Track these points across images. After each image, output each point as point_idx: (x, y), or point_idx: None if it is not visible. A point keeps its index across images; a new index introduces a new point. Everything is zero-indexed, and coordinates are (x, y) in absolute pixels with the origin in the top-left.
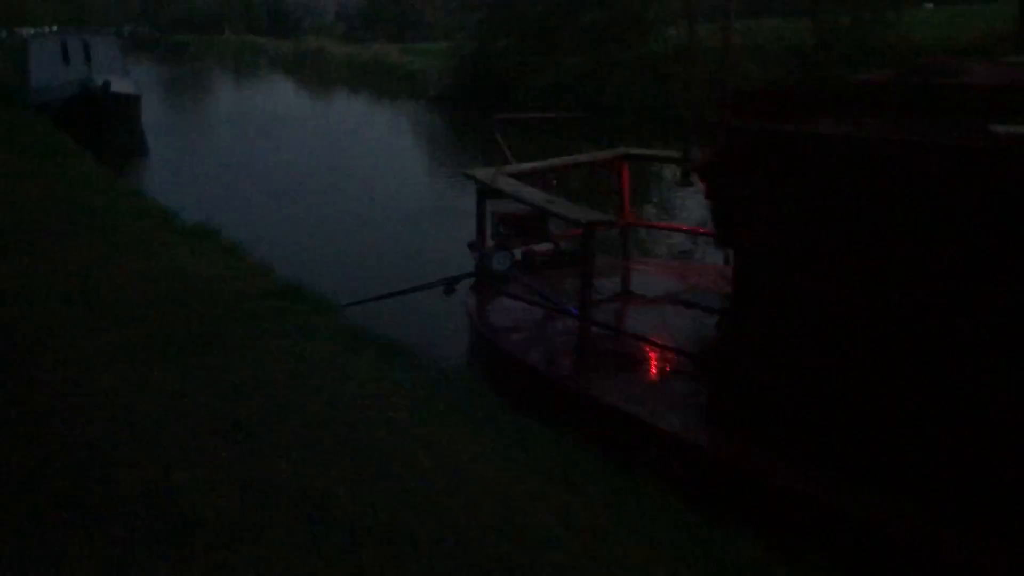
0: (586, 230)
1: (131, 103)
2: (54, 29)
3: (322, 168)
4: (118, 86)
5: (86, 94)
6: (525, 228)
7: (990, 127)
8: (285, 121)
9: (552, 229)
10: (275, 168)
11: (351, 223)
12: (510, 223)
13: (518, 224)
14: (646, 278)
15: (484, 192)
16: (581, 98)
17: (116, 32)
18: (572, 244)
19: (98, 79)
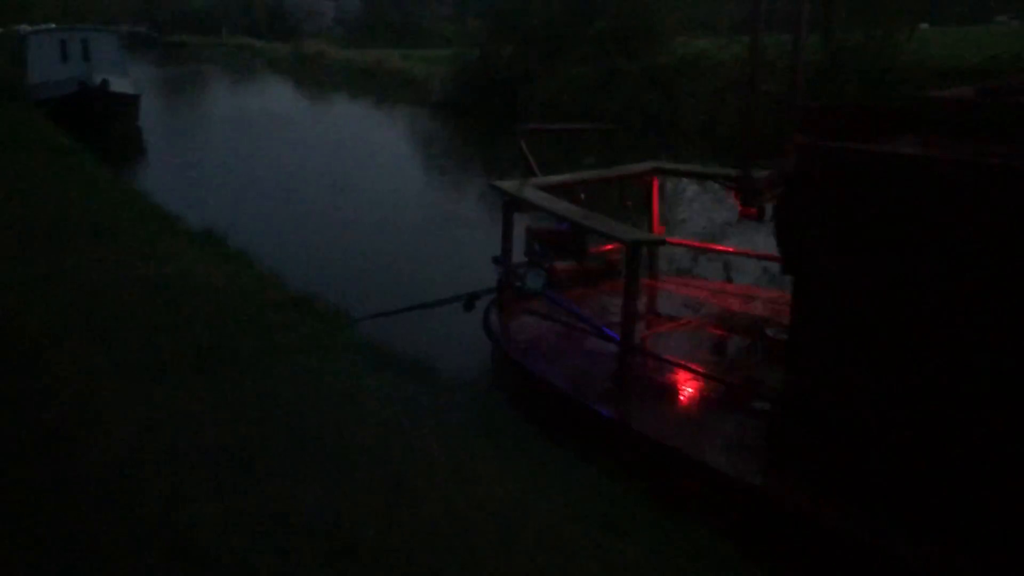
0: (631, 249)
1: (130, 102)
2: (51, 26)
3: (325, 172)
4: (117, 85)
5: (84, 92)
6: (561, 245)
7: None
8: (286, 124)
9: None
10: (277, 171)
11: (356, 230)
12: (545, 240)
13: (554, 241)
14: (673, 298)
15: (511, 205)
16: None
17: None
18: (598, 261)
19: (96, 77)
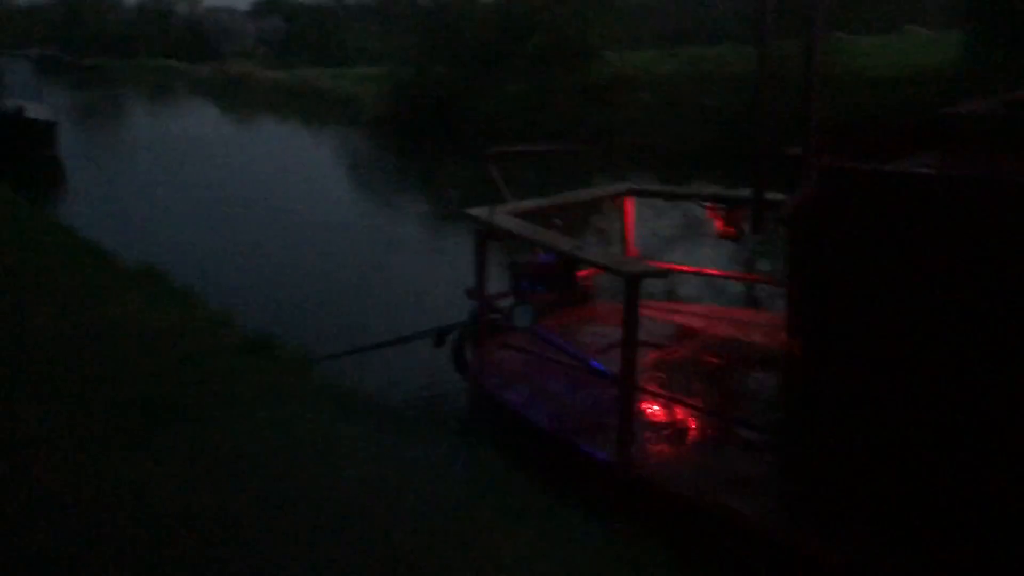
0: (629, 283)
1: (46, 129)
2: None
3: (261, 198)
4: (32, 111)
5: None
6: (550, 278)
7: None
8: (215, 149)
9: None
10: (211, 200)
11: (302, 259)
12: (533, 274)
13: (542, 274)
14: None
15: (485, 234)
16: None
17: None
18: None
19: (9, 104)
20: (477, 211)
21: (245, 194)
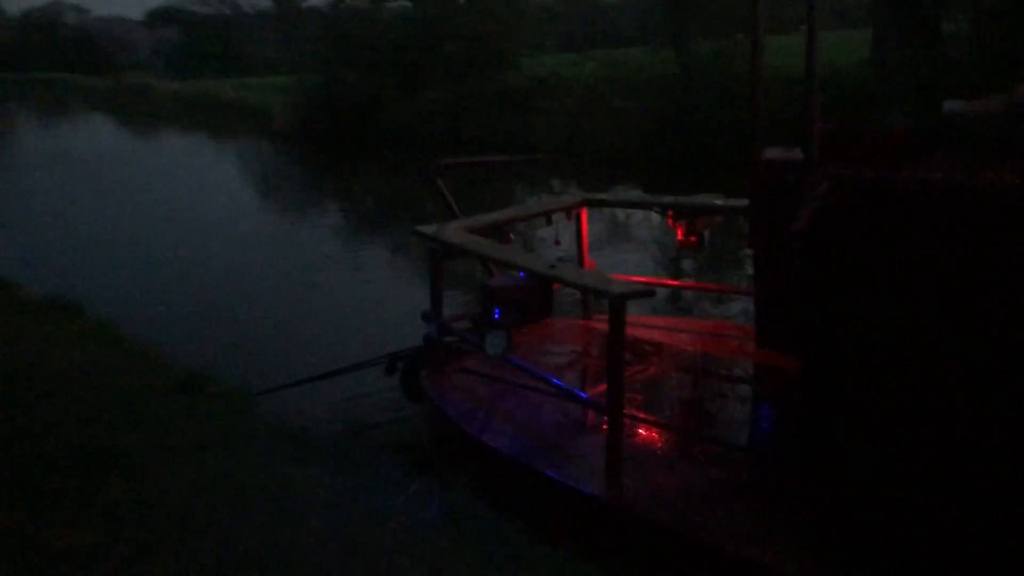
0: (615, 304)
1: None
2: None
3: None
4: None
5: None
6: (523, 301)
7: None
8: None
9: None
10: (117, 220)
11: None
12: (507, 298)
13: (516, 298)
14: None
15: (441, 253)
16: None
17: None
18: None
19: None
20: (430, 229)
21: (156, 211)
